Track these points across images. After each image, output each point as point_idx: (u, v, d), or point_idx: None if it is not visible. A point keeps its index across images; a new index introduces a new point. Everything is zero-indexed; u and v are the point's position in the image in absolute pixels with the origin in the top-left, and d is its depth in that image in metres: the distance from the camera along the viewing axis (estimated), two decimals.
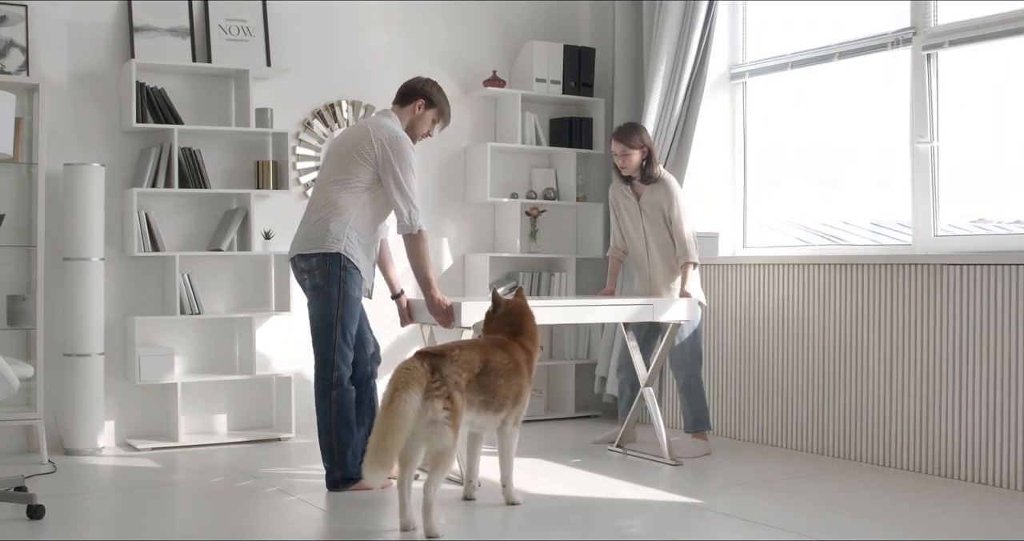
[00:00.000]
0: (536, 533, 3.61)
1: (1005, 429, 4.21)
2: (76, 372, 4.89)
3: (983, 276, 4.28)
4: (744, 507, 3.89)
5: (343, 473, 4.13)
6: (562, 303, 4.71)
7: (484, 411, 3.66)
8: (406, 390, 3.38)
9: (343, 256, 4.09)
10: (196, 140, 5.28)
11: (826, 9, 5.32)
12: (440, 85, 4.42)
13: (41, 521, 3.64)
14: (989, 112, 4.72)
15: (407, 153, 4.13)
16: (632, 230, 5.08)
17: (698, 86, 5.58)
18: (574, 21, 6.41)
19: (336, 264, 4.10)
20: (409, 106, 4.32)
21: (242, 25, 5.39)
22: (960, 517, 3.80)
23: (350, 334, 4.15)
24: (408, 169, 4.12)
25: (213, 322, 5.38)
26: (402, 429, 3.33)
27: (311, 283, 4.16)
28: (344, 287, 4.09)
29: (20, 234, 4.88)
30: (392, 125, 4.23)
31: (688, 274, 4.89)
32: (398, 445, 3.33)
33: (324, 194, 4.21)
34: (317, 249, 4.12)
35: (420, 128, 4.34)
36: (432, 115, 4.34)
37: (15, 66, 4.89)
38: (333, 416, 4.13)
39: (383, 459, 3.29)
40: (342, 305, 4.10)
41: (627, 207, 5.07)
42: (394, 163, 4.10)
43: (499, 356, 3.74)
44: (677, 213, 4.95)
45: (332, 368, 4.13)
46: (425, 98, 4.31)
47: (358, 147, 4.15)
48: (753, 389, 5.26)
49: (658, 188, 4.99)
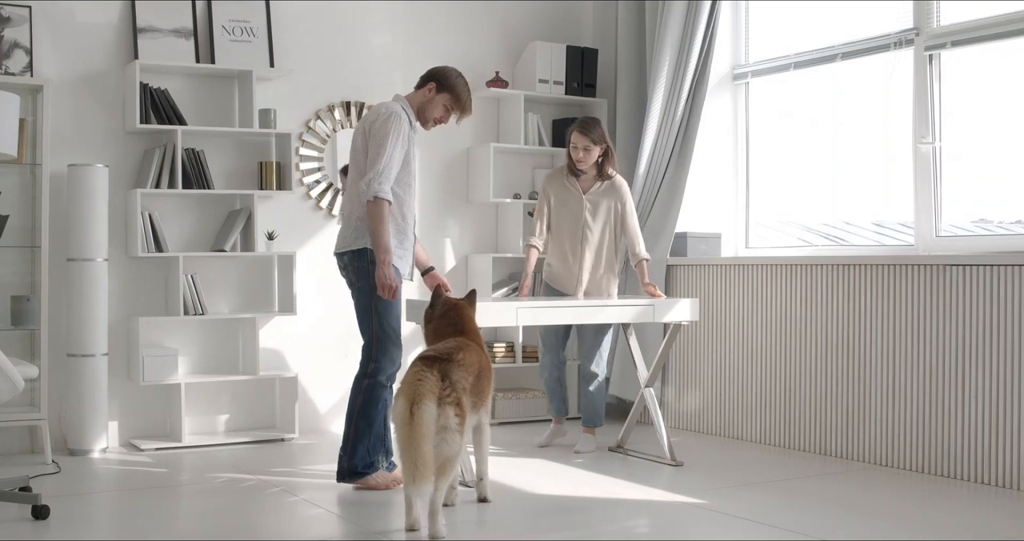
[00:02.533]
0: (538, 533, 3.62)
1: (1007, 429, 4.21)
2: (80, 372, 4.90)
3: (985, 276, 4.29)
4: (746, 507, 3.90)
5: (349, 465, 4.15)
6: (563, 303, 4.71)
7: (473, 412, 3.70)
8: (423, 401, 3.40)
9: (369, 250, 4.11)
10: (199, 141, 5.29)
11: (829, 10, 5.32)
12: (463, 77, 4.36)
13: (46, 521, 3.66)
14: (992, 113, 4.72)
15: (388, 127, 4.10)
16: (567, 224, 5.03)
17: (701, 87, 5.59)
18: (577, 22, 6.42)
19: (364, 259, 4.13)
20: (420, 90, 4.32)
21: (245, 26, 5.40)
22: (962, 517, 3.80)
23: (391, 328, 4.16)
24: (384, 139, 4.08)
25: (217, 323, 5.39)
26: (429, 439, 3.38)
27: (347, 280, 4.24)
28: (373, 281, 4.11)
29: (24, 235, 4.90)
30: (391, 104, 4.23)
31: (646, 270, 4.99)
32: (431, 454, 3.37)
33: (350, 189, 4.26)
34: (348, 247, 4.17)
35: (430, 112, 4.31)
36: (444, 100, 4.30)
37: (19, 67, 4.91)
38: (358, 406, 4.16)
39: (424, 472, 3.32)
40: (375, 298, 4.12)
41: (568, 200, 5.03)
42: (376, 133, 4.12)
43: (483, 357, 3.82)
44: (631, 211, 5.03)
45: (370, 360, 4.15)
46: (436, 82, 4.28)
47: (363, 136, 4.20)
48: (755, 389, 5.27)
49: (613, 186, 5.03)
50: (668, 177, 5.67)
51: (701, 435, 5.52)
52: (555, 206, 5.07)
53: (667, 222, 5.62)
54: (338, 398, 5.64)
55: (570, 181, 5.05)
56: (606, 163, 5.02)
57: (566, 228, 5.04)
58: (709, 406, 5.53)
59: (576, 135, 4.96)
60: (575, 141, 4.97)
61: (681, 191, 5.61)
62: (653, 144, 5.67)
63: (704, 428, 5.56)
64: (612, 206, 5.02)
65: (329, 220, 5.64)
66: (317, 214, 5.64)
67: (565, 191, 5.05)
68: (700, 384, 5.58)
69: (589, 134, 4.94)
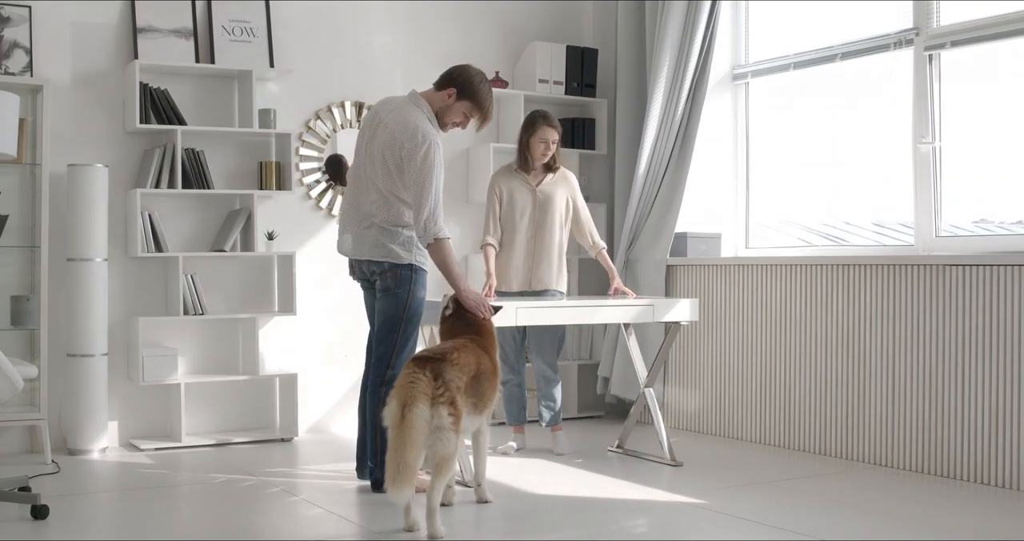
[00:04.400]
0: (538, 533, 3.62)
1: (1008, 429, 4.21)
2: (80, 372, 4.90)
3: (985, 277, 4.28)
4: (746, 507, 3.90)
5: (383, 475, 4.11)
6: (565, 304, 4.71)
7: (472, 413, 3.69)
8: (415, 404, 3.38)
9: (414, 264, 4.15)
10: (199, 141, 5.29)
11: (828, 10, 5.32)
12: (487, 81, 4.21)
13: (45, 521, 3.66)
14: (991, 113, 4.72)
15: (432, 158, 3.99)
16: (520, 221, 4.97)
17: (701, 87, 5.59)
18: (577, 22, 6.42)
19: (408, 268, 4.14)
20: (440, 93, 4.18)
21: (245, 26, 5.40)
22: (962, 517, 3.80)
23: (414, 337, 4.17)
24: (429, 173, 3.99)
25: (216, 323, 5.39)
26: (418, 443, 3.37)
27: (382, 285, 4.19)
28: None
29: (24, 235, 4.90)
30: (420, 120, 4.06)
31: (611, 264, 5.04)
32: (418, 459, 3.37)
33: (367, 194, 4.18)
34: (386, 257, 4.14)
35: (449, 117, 4.18)
36: (464, 108, 4.15)
37: (19, 67, 4.91)
38: (378, 415, 4.11)
39: (406, 476, 3.32)
40: (410, 308, 4.14)
41: (520, 197, 4.97)
42: (418, 163, 3.99)
43: (484, 358, 3.79)
44: (583, 202, 5.06)
45: (388, 367, 4.09)
46: (457, 88, 4.13)
47: (392, 151, 4.05)
48: (755, 389, 5.27)
49: (564, 178, 5.03)
50: (668, 177, 5.67)
51: (701, 435, 5.52)
52: (506, 203, 4.99)
53: (667, 222, 5.62)
54: (338, 398, 5.64)
55: (522, 179, 4.99)
56: (555, 155, 5.00)
57: (519, 225, 4.96)
58: (709, 406, 5.53)
59: (547, 129, 4.89)
60: (547, 135, 4.89)
61: (681, 191, 5.61)
62: (653, 144, 5.67)
63: (704, 428, 5.56)
64: (565, 198, 5.01)
65: (329, 220, 5.63)
66: (317, 214, 5.64)
67: (519, 189, 4.98)
68: (700, 384, 5.57)
69: (559, 127, 4.94)
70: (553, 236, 4.98)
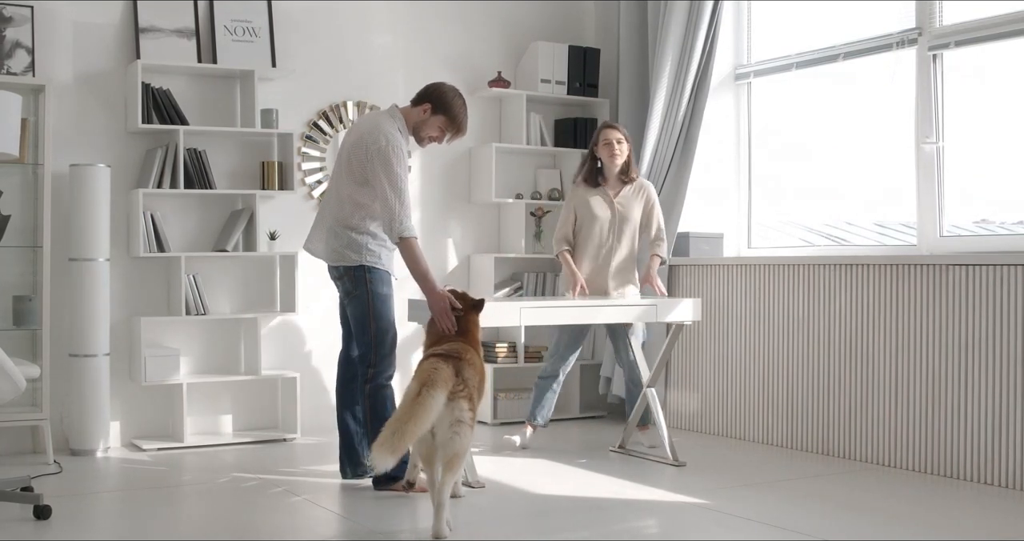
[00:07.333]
0: (539, 533, 3.62)
1: (1010, 429, 4.20)
2: (82, 373, 4.90)
3: (988, 277, 4.28)
4: (748, 507, 3.89)
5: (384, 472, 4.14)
6: (567, 304, 4.71)
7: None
8: (434, 387, 3.39)
9: (364, 265, 4.23)
10: (201, 141, 5.29)
11: (831, 9, 5.32)
12: (461, 96, 4.28)
13: (47, 521, 3.65)
14: (995, 113, 4.72)
15: (389, 156, 4.06)
16: (599, 233, 5.02)
17: (703, 86, 5.58)
18: (579, 22, 6.42)
19: (361, 269, 4.20)
20: (416, 108, 4.28)
21: (247, 26, 5.40)
22: (964, 518, 3.80)
23: (387, 331, 4.20)
24: (390, 172, 4.06)
25: (218, 323, 5.39)
26: (424, 421, 3.33)
27: (343, 289, 4.31)
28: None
29: (26, 235, 4.90)
30: (378, 122, 4.17)
31: (655, 266, 5.04)
32: (415, 436, 3.32)
33: (330, 196, 4.32)
34: (340, 261, 4.25)
35: (424, 131, 4.28)
36: (439, 122, 4.25)
37: (21, 67, 4.91)
38: (367, 413, 4.19)
39: (397, 445, 3.25)
40: (374, 303, 4.20)
41: (600, 210, 5.03)
42: (380, 162, 4.07)
43: (480, 361, 3.82)
44: (659, 210, 5.10)
45: (369, 365, 4.18)
46: (432, 103, 4.23)
47: (357, 153, 4.17)
48: (757, 389, 5.26)
49: (643, 188, 5.08)
50: (670, 177, 5.66)
51: (703, 435, 5.51)
52: (587, 217, 5.05)
53: (669, 222, 5.61)
54: None
55: (597, 192, 5.05)
56: (630, 165, 5.03)
57: (598, 236, 5.04)
58: (711, 406, 5.52)
59: (610, 130, 4.98)
60: (609, 136, 4.97)
61: (683, 191, 5.61)
62: (655, 144, 5.66)
63: (706, 428, 5.56)
64: (642, 209, 5.06)
65: None
66: None
67: (598, 202, 5.04)
68: (702, 384, 5.57)
69: (621, 129, 5.01)
70: (629, 245, 5.05)
